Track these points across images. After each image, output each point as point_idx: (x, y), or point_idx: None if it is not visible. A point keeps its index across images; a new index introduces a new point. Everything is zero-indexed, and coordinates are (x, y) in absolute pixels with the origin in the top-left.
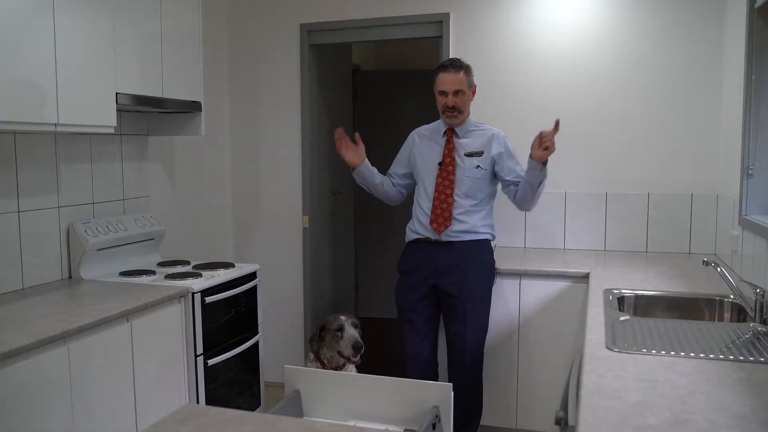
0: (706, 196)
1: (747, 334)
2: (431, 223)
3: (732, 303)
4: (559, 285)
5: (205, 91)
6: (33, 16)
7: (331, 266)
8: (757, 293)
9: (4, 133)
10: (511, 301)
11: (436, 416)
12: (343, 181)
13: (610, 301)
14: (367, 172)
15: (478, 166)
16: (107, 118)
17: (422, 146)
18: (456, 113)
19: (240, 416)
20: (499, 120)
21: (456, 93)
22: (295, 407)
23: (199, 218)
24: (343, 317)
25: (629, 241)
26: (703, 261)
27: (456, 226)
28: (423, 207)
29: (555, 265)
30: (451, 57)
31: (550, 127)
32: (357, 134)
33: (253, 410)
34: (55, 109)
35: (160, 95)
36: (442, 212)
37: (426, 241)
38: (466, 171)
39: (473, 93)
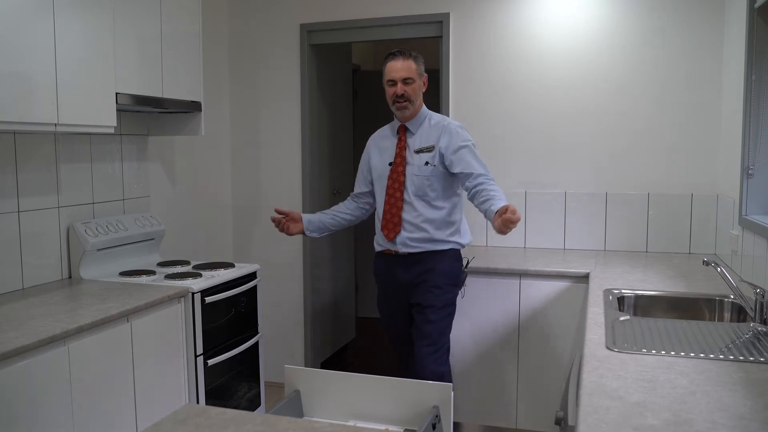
0: (706, 196)
1: (747, 334)
2: (383, 229)
3: (732, 303)
4: (559, 285)
5: (205, 91)
6: (33, 16)
7: (331, 266)
8: (757, 293)
9: (4, 133)
10: (511, 301)
11: (436, 416)
12: (343, 181)
13: (610, 301)
14: (316, 224)
15: (427, 162)
16: (107, 118)
17: (377, 149)
18: (406, 103)
19: (240, 416)
20: (499, 120)
21: (405, 81)
22: (295, 407)
23: (199, 218)
24: None
25: (629, 241)
26: (703, 261)
27: (413, 234)
28: (378, 213)
29: (555, 265)
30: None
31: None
32: (277, 209)
33: (253, 410)
34: (55, 109)
35: (160, 95)
36: (392, 217)
37: (387, 254)
38: (416, 169)
39: (425, 84)
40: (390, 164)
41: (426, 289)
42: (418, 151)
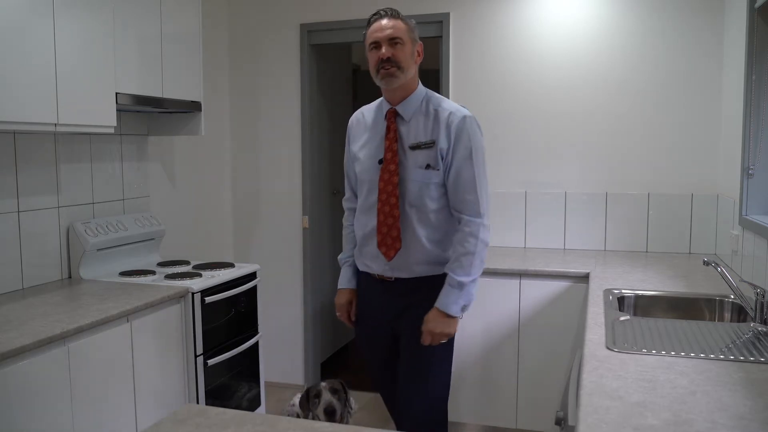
0: (706, 196)
1: (747, 334)
2: (379, 246)
3: (732, 303)
4: (559, 285)
5: (205, 91)
6: (33, 17)
7: (331, 266)
8: (757, 293)
9: (4, 133)
10: (511, 301)
11: None
12: (343, 181)
13: (610, 301)
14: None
15: (428, 165)
16: (107, 118)
17: (360, 135)
18: (394, 68)
19: (240, 416)
20: (499, 120)
21: (392, 41)
22: None
23: (199, 218)
24: (323, 383)
25: (629, 241)
26: (703, 261)
27: (405, 257)
28: (366, 226)
29: (555, 265)
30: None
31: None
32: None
33: (253, 410)
34: (55, 109)
35: (160, 95)
36: (389, 230)
37: (370, 276)
38: (411, 171)
39: (419, 54)
40: (380, 162)
41: (419, 326)
42: (414, 147)
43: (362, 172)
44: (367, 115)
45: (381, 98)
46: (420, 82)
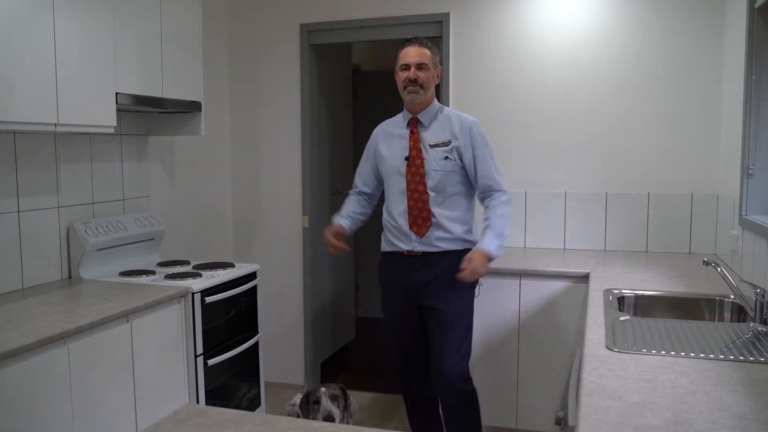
0: (706, 196)
1: (747, 334)
2: (411, 226)
3: (732, 303)
4: (559, 285)
5: (205, 91)
6: (33, 17)
7: (331, 266)
8: (757, 293)
9: (4, 133)
10: (511, 301)
11: None
12: (343, 181)
13: (610, 301)
14: (349, 229)
15: (447, 157)
16: (107, 118)
17: (387, 141)
18: (418, 87)
19: (240, 416)
20: (499, 120)
21: (420, 66)
22: None
23: (199, 218)
24: (323, 389)
25: (629, 241)
26: (703, 261)
27: (432, 233)
28: (393, 212)
29: (555, 265)
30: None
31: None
32: (331, 241)
33: (253, 410)
34: (55, 109)
35: (160, 95)
36: (420, 212)
37: (398, 255)
38: (433, 163)
39: (438, 76)
40: (406, 158)
41: (446, 294)
42: (434, 146)
43: (390, 167)
44: (390, 125)
45: (402, 112)
46: (434, 96)
